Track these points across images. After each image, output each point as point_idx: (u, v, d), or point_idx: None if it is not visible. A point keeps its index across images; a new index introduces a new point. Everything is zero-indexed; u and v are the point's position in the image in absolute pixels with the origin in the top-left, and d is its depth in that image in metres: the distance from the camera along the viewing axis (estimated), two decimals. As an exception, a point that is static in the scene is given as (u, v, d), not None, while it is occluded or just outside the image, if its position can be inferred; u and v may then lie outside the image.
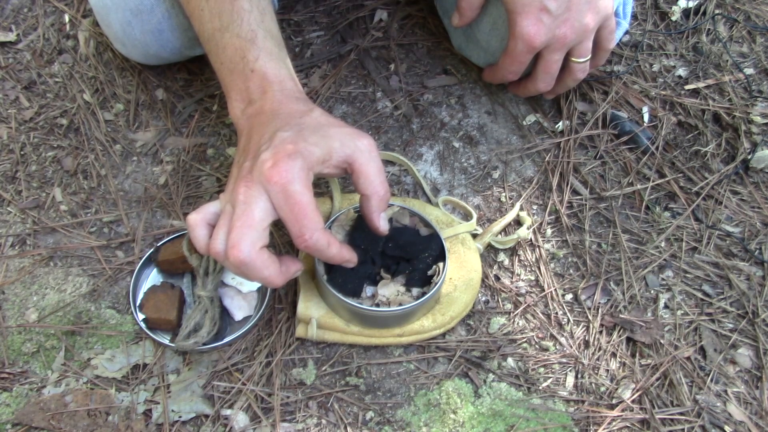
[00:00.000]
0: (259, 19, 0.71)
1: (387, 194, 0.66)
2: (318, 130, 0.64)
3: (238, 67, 0.70)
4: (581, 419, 0.74)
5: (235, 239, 0.60)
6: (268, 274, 0.62)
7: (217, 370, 0.76)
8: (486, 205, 0.89)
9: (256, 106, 0.68)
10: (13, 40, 1.03)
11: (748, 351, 0.79)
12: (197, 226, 0.65)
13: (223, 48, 0.71)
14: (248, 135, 0.67)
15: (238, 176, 0.63)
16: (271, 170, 0.60)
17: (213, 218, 0.65)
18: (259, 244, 0.61)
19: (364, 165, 0.64)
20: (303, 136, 0.62)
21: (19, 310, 0.80)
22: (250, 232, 0.60)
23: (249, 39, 0.70)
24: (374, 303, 0.74)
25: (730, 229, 0.88)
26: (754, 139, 0.94)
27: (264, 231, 0.61)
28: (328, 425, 0.73)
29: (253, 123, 0.67)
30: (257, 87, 0.69)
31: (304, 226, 0.61)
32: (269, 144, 0.62)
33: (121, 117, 0.96)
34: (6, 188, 0.90)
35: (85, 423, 0.72)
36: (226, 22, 0.70)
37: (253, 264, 0.61)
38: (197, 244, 0.65)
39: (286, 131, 0.63)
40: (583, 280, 0.83)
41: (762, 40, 1.06)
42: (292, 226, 0.61)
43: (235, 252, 0.60)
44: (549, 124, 0.96)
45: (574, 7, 0.77)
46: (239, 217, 0.61)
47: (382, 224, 0.68)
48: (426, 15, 1.06)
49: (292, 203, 0.60)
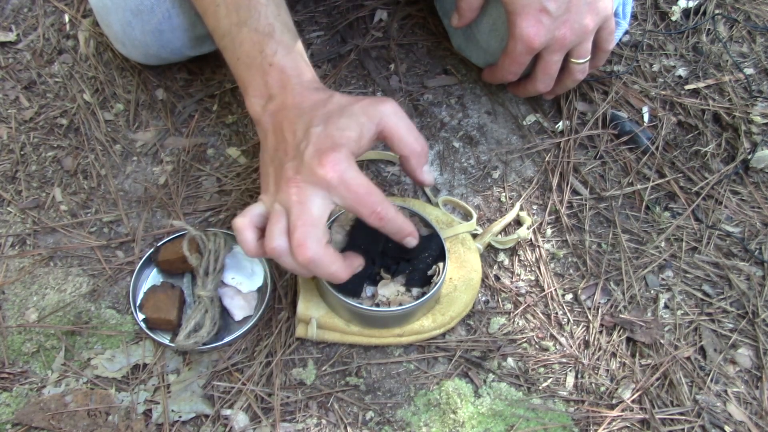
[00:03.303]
0: (275, 13, 0.71)
1: (424, 149, 0.68)
2: (343, 112, 0.65)
3: (256, 62, 0.69)
4: (581, 419, 0.74)
5: (300, 238, 0.61)
6: (335, 269, 0.64)
7: (217, 370, 0.76)
8: (486, 205, 0.89)
9: (277, 101, 0.68)
10: (13, 40, 1.03)
11: (748, 351, 0.79)
12: (245, 229, 0.65)
13: (240, 43, 0.70)
14: (277, 132, 0.67)
15: (281, 177, 0.64)
16: (324, 168, 0.61)
17: (259, 221, 0.66)
18: (324, 241, 0.63)
19: (393, 128, 0.66)
20: (335, 125, 0.64)
21: (19, 310, 0.80)
22: (314, 230, 0.62)
23: (267, 33, 0.69)
24: (374, 303, 0.74)
25: (730, 229, 0.88)
26: (754, 139, 0.94)
27: (325, 228, 0.63)
28: (328, 425, 0.73)
29: (278, 120, 0.67)
30: (276, 81, 0.69)
31: (374, 203, 0.63)
32: (307, 142, 0.63)
33: (121, 117, 0.96)
34: (6, 188, 0.90)
35: (85, 423, 0.72)
36: (243, 16, 0.70)
37: (321, 260, 0.62)
38: (246, 246, 0.65)
39: (317, 126, 0.64)
40: (583, 280, 0.83)
41: (762, 40, 1.06)
42: (363, 208, 0.63)
43: (303, 251, 0.61)
44: (549, 124, 0.96)
45: (574, 8, 0.77)
46: (299, 216, 0.62)
47: (427, 177, 0.70)
48: (426, 15, 1.06)
49: (356, 189, 0.62)
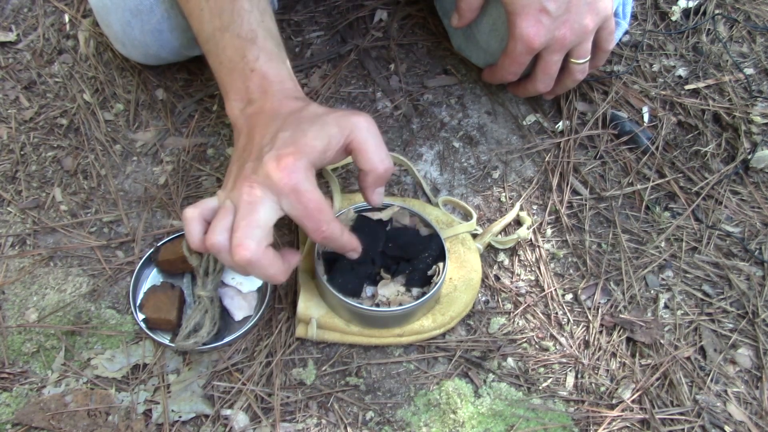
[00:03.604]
0: (259, 19, 0.71)
1: (386, 172, 0.67)
2: (316, 121, 0.64)
3: (237, 67, 0.70)
4: (581, 419, 0.74)
5: (240, 238, 0.61)
6: (273, 272, 0.63)
7: (217, 370, 0.76)
8: (486, 205, 0.89)
9: (256, 106, 0.68)
10: (13, 40, 1.03)
11: (748, 351, 0.79)
12: (193, 221, 0.65)
13: (223, 48, 0.71)
14: (249, 134, 0.67)
15: (239, 175, 0.64)
16: (279, 173, 0.61)
17: (210, 214, 0.65)
18: (265, 243, 0.62)
19: (362, 142, 0.65)
20: (302, 132, 0.63)
21: (19, 310, 0.80)
22: (257, 231, 0.61)
23: (249, 39, 0.70)
24: (374, 303, 0.74)
25: (730, 229, 0.88)
26: (754, 139, 0.94)
27: (269, 231, 0.62)
28: (328, 425, 0.73)
29: (253, 122, 0.67)
30: (257, 87, 0.69)
31: (320, 220, 0.63)
32: (271, 145, 0.63)
33: (121, 117, 0.96)
34: (6, 188, 0.90)
35: (85, 423, 0.72)
36: (226, 21, 0.70)
37: (259, 262, 0.62)
38: (191, 238, 0.65)
39: (286, 131, 0.64)
40: (583, 280, 0.83)
41: (762, 40, 1.06)
42: (308, 222, 0.62)
43: (241, 250, 0.61)
44: (549, 124, 0.96)
45: (574, 9, 0.77)
46: (244, 216, 0.61)
47: (375, 198, 0.69)
48: (426, 15, 1.06)
49: (305, 201, 0.61)
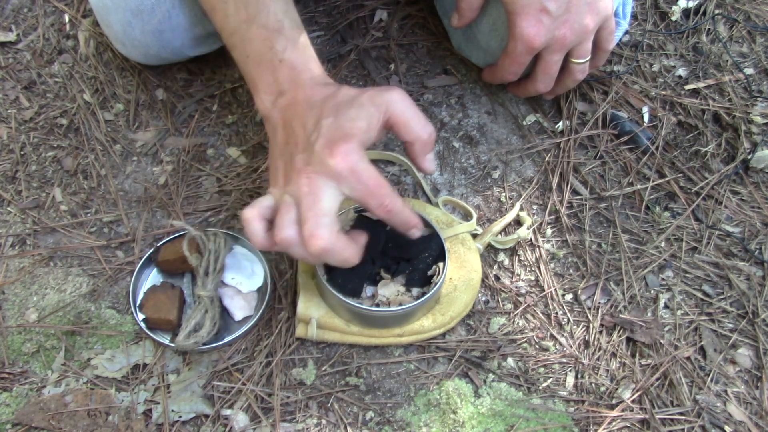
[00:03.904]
0: (284, 9, 0.71)
1: (431, 136, 0.68)
2: (352, 103, 0.65)
3: (265, 59, 0.70)
4: (581, 419, 0.74)
5: (311, 228, 0.62)
6: (348, 255, 0.64)
7: (217, 370, 0.76)
8: (486, 205, 0.89)
9: (287, 97, 0.68)
10: (13, 40, 1.03)
11: (748, 351, 0.79)
12: (254, 220, 0.65)
13: (250, 40, 0.71)
14: (287, 127, 0.67)
15: (291, 169, 0.64)
16: (334, 159, 0.62)
17: (268, 212, 0.66)
18: (336, 229, 0.63)
19: (400, 114, 0.66)
20: (344, 116, 0.64)
21: (19, 310, 0.80)
22: (326, 219, 0.62)
23: (276, 29, 0.70)
24: (374, 303, 0.74)
25: (730, 229, 0.88)
26: (754, 139, 0.94)
27: (336, 217, 0.63)
28: (328, 425, 0.73)
29: (288, 114, 0.67)
30: (287, 77, 0.69)
31: (383, 195, 0.63)
32: (318, 133, 0.63)
33: (121, 117, 0.96)
34: (6, 188, 0.90)
35: (85, 423, 0.72)
36: (252, 13, 0.70)
37: (334, 249, 0.63)
38: (254, 238, 0.65)
39: (327, 118, 0.64)
40: (583, 280, 0.83)
41: (762, 40, 1.06)
42: (372, 200, 0.63)
43: (315, 240, 0.62)
44: (549, 124, 0.96)
45: (574, 8, 0.77)
46: (310, 207, 0.62)
47: (429, 166, 0.70)
48: (426, 15, 1.06)
49: (366, 180, 0.62)
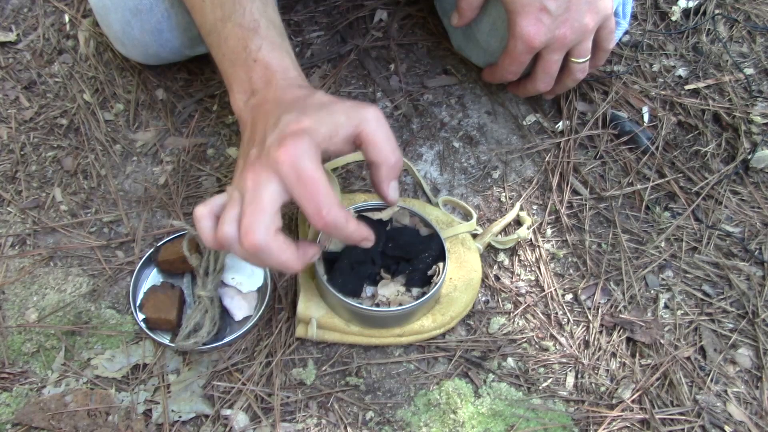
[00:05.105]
0: (261, 9, 0.70)
1: (398, 162, 0.64)
2: (322, 108, 0.62)
3: (240, 58, 0.69)
4: (581, 419, 0.74)
5: (247, 225, 0.58)
6: (285, 258, 0.60)
7: (217, 370, 0.76)
8: (486, 205, 0.89)
9: (259, 97, 0.67)
10: (13, 40, 1.03)
11: (748, 351, 0.79)
12: (203, 218, 0.62)
13: (225, 39, 0.70)
14: (252, 125, 0.65)
15: (245, 165, 0.62)
16: (279, 150, 0.58)
17: (220, 210, 0.63)
18: (273, 228, 0.59)
19: (371, 133, 0.62)
20: (307, 114, 0.61)
21: (19, 310, 0.80)
22: (263, 216, 0.58)
23: (251, 29, 0.69)
24: (374, 303, 0.74)
25: (730, 229, 0.88)
26: (754, 139, 0.94)
27: (276, 214, 0.59)
28: (328, 425, 0.73)
29: (256, 113, 0.66)
30: (260, 77, 0.68)
31: (320, 202, 0.58)
32: (274, 128, 0.61)
33: (121, 117, 0.96)
34: (6, 188, 0.90)
35: (85, 423, 0.72)
36: (228, 11, 0.70)
37: (269, 248, 0.59)
38: (203, 235, 0.63)
39: (290, 113, 0.62)
40: (583, 280, 0.83)
41: (762, 40, 1.06)
42: (308, 204, 0.59)
43: (249, 237, 0.58)
44: (549, 124, 0.96)
45: (574, 8, 0.77)
46: (249, 202, 0.59)
47: (391, 194, 0.66)
48: (426, 15, 1.06)
49: (305, 179, 0.58)
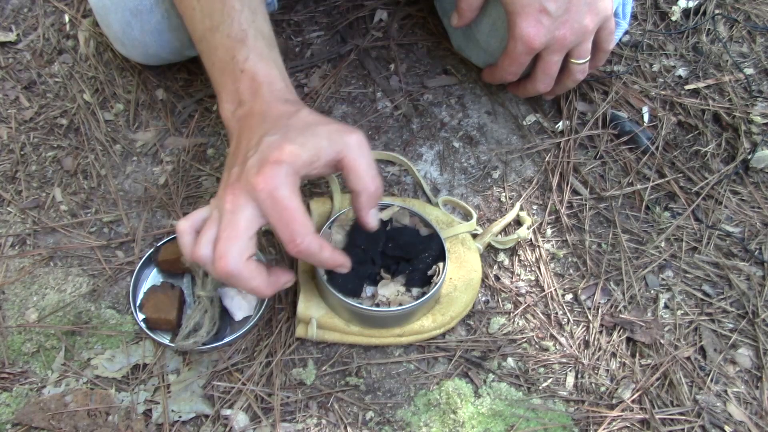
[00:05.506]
0: (250, 19, 0.70)
1: (378, 190, 0.65)
2: (305, 130, 0.63)
3: (228, 68, 0.69)
4: (581, 419, 0.74)
5: (221, 250, 0.60)
6: (255, 285, 0.62)
7: (217, 370, 0.76)
8: (486, 205, 0.89)
9: (245, 108, 0.67)
10: (13, 40, 1.03)
11: (748, 351, 0.79)
12: (185, 233, 0.64)
13: (214, 48, 0.70)
14: (238, 138, 0.66)
15: (226, 183, 0.63)
16: (257, 177, 0.59)
17: (201, 225, 0.64)
18: (246, 255, 0.61)
19: (353, 161, 0.63)
20: (289, 138, 0.61)
21: (19, 310, 0.80)
22: (237, 242, 0.60)
23: (239, 39, 0.69)
24: (374, 303, 0.74)
25: (730, 229, 0.88)
26: (754, 139, 0.94)
27: (250, 240, 0.61)
28: (328, 425, 0.73)
29: (242, 126, 0.67)
30: (247, 88, 0.68)
31: (294, 231, 0.60)
32: (256, 149, 0.61)
33: (121, 117, 0.96)
34: (6, 188, 0.90)
35: (85, 423, 0.72)
36: (216, 21, 0.70)
37: (240, 275, 0.61)
38: (184, 250, 0.65)
39: (272, 135, 0.62)
40: (583, 280, 0.83)
41: (762, 40, 1.06)
42: (282, 232, 0.60)
43: (222, 263, 0.60)
44: (549, 124, 0.96)
45: (574, 9, 0.77)
46: (225, 227, 0.60)
47: (371, 221, 0.67)
48: (426, 15, 1.06)
49: (281, 209, 0.59)
